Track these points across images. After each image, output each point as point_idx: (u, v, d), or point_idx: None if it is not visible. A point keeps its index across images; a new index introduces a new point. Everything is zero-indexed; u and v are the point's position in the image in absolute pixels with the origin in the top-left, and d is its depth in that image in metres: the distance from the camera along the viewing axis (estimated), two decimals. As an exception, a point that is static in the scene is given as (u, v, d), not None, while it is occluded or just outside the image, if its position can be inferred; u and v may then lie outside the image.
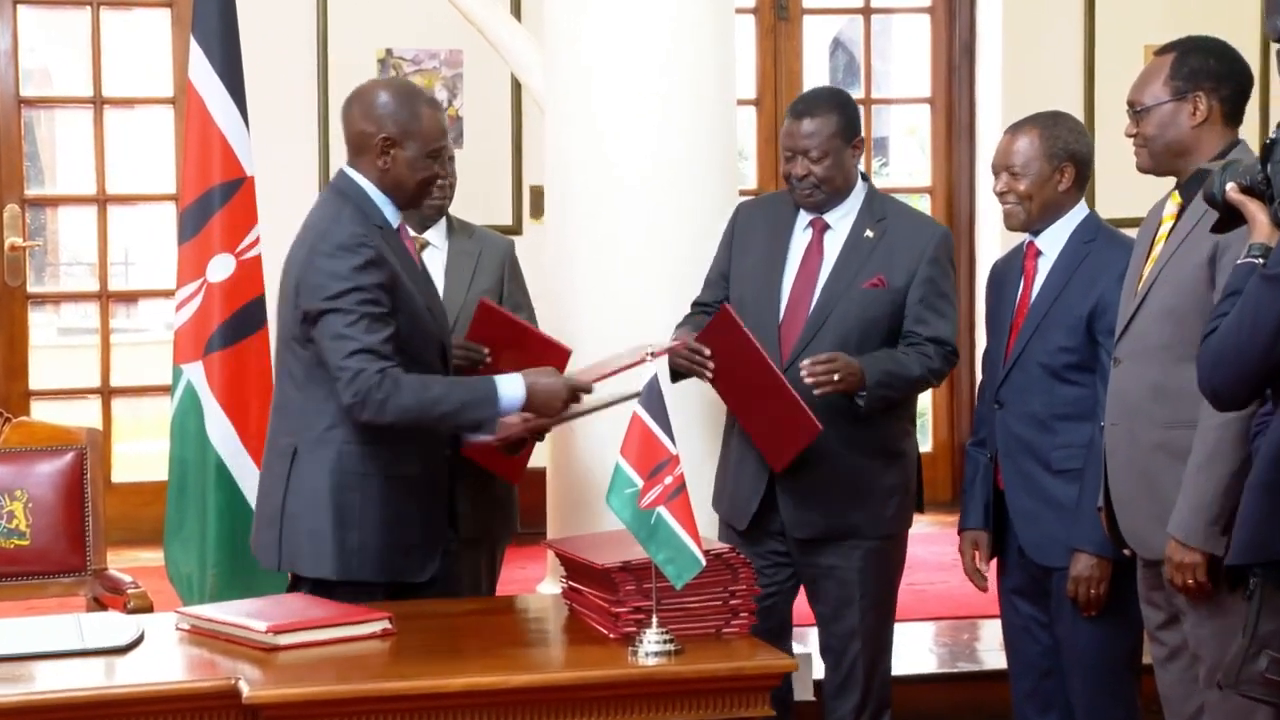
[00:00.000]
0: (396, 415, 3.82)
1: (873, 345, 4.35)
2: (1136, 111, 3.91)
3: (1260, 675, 3.10)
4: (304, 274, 3.89)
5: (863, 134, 4.46)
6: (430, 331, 4.01)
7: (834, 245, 4.43)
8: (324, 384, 3.89)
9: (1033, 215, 4.34)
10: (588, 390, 4.02)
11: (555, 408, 3.97)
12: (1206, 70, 3.87)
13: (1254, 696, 3.15)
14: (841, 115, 4.41)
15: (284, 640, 3.47)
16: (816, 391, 4.19)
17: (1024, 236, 4.42)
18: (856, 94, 9.06)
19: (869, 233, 4.41)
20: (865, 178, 4.51)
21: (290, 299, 3.95)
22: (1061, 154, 4.31)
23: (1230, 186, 3.29)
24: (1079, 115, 8.13)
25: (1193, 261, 3.80)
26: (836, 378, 4.19)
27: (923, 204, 8.82)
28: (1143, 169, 3.96)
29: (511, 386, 3.92)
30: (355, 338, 3.81)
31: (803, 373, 4.20)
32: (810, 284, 4.41)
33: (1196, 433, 3.68)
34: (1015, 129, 4.37)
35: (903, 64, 10.32)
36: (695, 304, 4.61)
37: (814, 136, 4.36)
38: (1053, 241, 4.36)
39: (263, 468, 4.08)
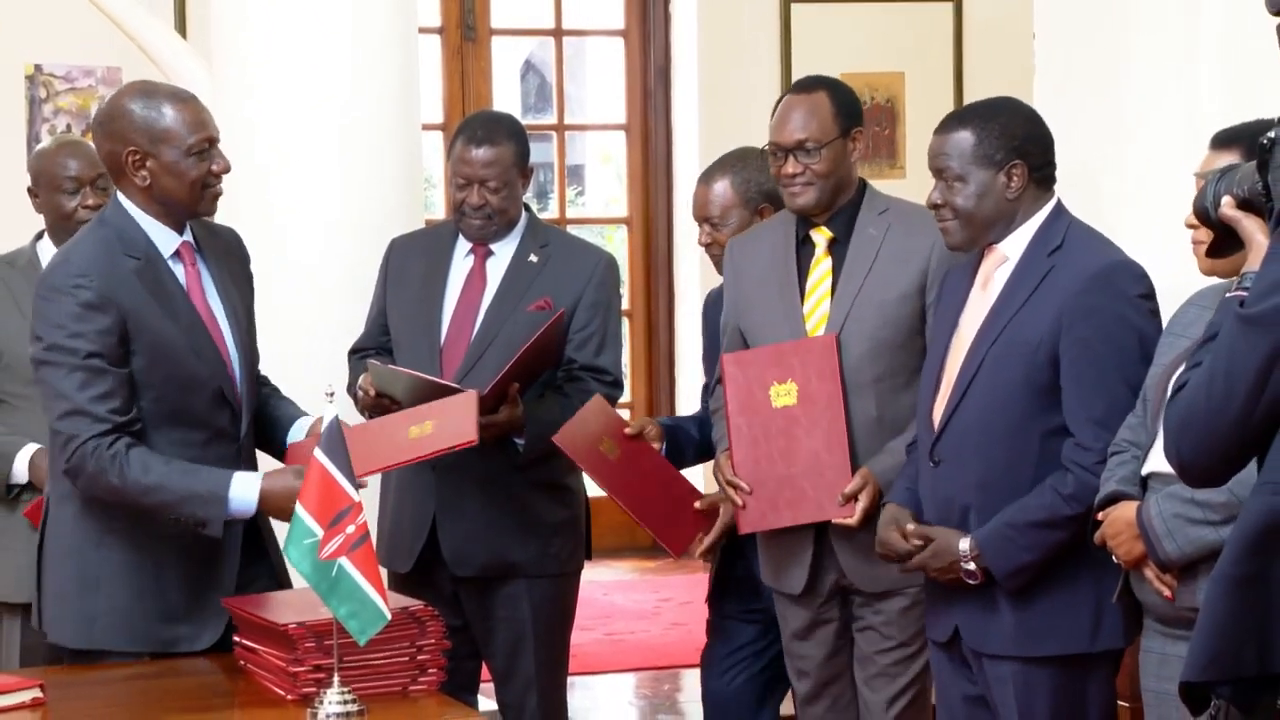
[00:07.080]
0: (106, 493, 3.76)
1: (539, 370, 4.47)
2: (808, 150, 4.09)
3: None
4: (32, 318, 3.84)
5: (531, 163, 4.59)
6: (197, 377, 3.87)
7: (497, 270, 4.57)
8: None
9: None
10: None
11: (289, 513, 3.63)
12: (854, 108, 4.17)
13: None
14: (519, 144, 4.54)
15: (-93, 720, 3.34)
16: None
17: None
18: (549, 119, 9.26)
19: (533, 257, 4.55)
20: (527, 207, 4.65)
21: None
22: (757, 196, 4.53)
23: (1225, 200, 2.82)
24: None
25: (897, 292, 4.07)
26: None
27: (620, 236, 9.04)
28: (809, 206, 4.13)
29: (245, 487, 3.79)
30: (67, 396, 3.73)
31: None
32: (473, 309, 4.54)
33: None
34: (707, 177, 4.57)
35: (597, 88, 10.49)
36: (354, 350, 4.67)
37: (493, 166, 4.47)
38: None
39: None
